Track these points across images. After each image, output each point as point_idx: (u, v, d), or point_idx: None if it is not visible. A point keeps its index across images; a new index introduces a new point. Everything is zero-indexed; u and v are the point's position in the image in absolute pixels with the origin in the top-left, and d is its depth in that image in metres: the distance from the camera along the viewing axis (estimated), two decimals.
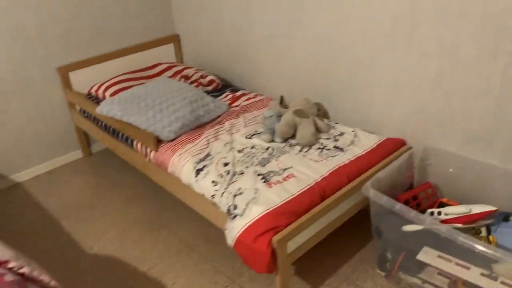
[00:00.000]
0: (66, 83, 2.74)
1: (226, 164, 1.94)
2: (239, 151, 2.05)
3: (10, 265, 1.27)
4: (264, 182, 1.79)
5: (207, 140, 2.14)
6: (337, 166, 1.88)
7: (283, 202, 1.67)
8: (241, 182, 1.81)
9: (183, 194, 2.03)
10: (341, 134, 2.15)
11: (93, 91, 2.69)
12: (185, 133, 2.21)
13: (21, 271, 1.29)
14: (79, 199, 2.56)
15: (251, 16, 2.54)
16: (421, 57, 1.88)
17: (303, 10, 2.28)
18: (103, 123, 2.47)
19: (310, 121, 2.14)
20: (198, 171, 1.93)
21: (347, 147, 2.03)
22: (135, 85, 2.67)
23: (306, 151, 2.01)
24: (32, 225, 2.38)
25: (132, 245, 2.19)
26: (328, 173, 1.84)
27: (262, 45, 2.59)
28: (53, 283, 1.37)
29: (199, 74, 2.80)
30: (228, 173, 1.88)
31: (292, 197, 1.70)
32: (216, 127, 2.26)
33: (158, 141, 2.17)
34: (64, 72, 2.72)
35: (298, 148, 2.05)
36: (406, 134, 2.09)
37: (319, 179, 1.80)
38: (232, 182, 1.82)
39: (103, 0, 2.78)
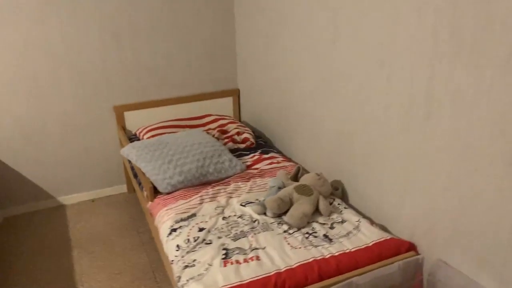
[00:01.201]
0: (120, 121, 2.95)
1: (201, 230, 1.84)
2: (224, 218, 1.92)
3: None
4: (223, 259, 1.64)
5: (201, 199, 2.07)
6: (312, 259, 1.63)
7: (224, 287, 1.49)
8: (200, 253, 1.68)
9: (161, 251, 1.97)
10: (342, 221, 1.88)
11: (138, 132, 2.84)
12: (185, 188, 2.17)
13: None
14: (101, 233, 2.67)
15: (296, 80, 2.45)
16: (434, 150, 1.57)
17: (332, 84, 2.11)
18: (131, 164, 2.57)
19: (310, 200, 1.92)
20: (172, 231, 1.86)
21: (339, 238, 1.76)
22: (174, 132, 2.74)
23: (292, 233, 1.80)
24: (49, 246, 2.54)
25: None
26: (296, 265, 1.61)
27: (300, 111, 2.46)
28: None
29: (237, 130, 2.77)
30: (195, 240, 1.76)
31: (238, 283, 1.51)
32: (219, 187, 2.18)
33: (157, 192, 2.17)
34: (120, 111, 2.93)
35: (285, 227, 1.84)
36: (417, 237, 1.74)
37: (282, 270, 1.58)
38: (192, 251, 1.70)
39: (169, 48, 2.96)
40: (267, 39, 2.68)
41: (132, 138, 2.86)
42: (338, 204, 2.03)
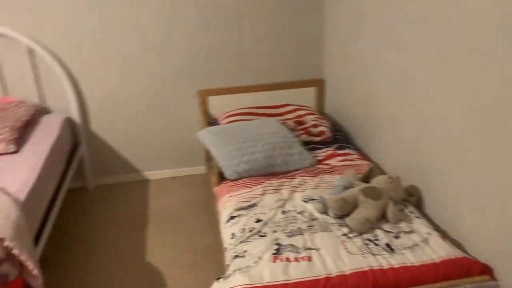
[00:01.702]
0: (203, 106, 3.03)
1: (258, 221, 1.81)
2: (284, 212, 1.88)
3: (5, 243, 1.50)
4: (274, 254, 1.60)
5: (264, 190, 2.04)
6: (368, 268, 1.52)
7: (269, 284, 1.46)
8: (252, 245, 1.66)
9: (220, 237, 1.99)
10: (410, 232, 1.72)
11: (218, 117, 2.90)
12: (251, 177, 2.16)
13: (13, 251, 1.51)
14: (175, 210, 2.79)
15: (379, 74, 2.29)
16: None
17: (416, 80, 1.93)
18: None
19: (377, 204, 1.79)
20: (230, 218, 1.86)
21: (402, 250, 1.62)
22: (251, 119, 2.74)
23: (351, 237, 1.70)
24: (128, 216, 2.72)
25: (180, 269, 2.26)
26: (350, 271, 1.51)
27: (381, 107, 2.30)
28: (35, 271, 1.56)
29: (314, 122, 2.68)
30: (250, 231, 1.75)
31: (284, 282, 1.46)
32: (284, 180, 2.13)
33: (223, 177, 2.19)
34: (203, 95, 3.01)
35: (345, 230, 1.74)
36: (495, 260, 1.53)
37: (333, 275, 1.50)
38: (245, 242, 1.69)
39: (255, 35, 2.95)
40: (355, 29, 2.54)
41: (212, 122, 2.92)
42: (410, 212, 1.86)
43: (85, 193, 3.06)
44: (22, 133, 2.42)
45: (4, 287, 1.41)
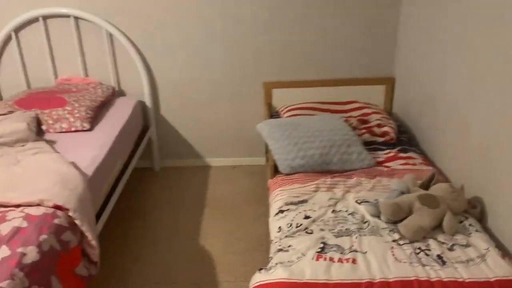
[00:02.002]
0: (267, 98, 3.05)
1: (306, 217, 1.81)
2: (334, 212, 1.85)
3: (69, 213, 1.64)
4: (318, 252, 1.59)
5: (317, 187, 2.02)
6: (414, 278, 1.46)
7: (309, 281, 1.45)
8: (298, 240, 1.66)
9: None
10: (466, 245, 1.62)
11: (280, 109, 2.91)
12: (304, 172, 2.15)
13: (75, 221, 1.65)
14: (233, 198, 2.86)
15: (449, 76, 2.17)
16: None
17: (487, 84, 1.80)
18: None
19: (433, 213, 1.71)
20: (279, 212, 1.88)
21: (455, 263, 1.53)
22: (313, 114, 2.71)
23: (401, 244, 1.63)
24: (188, 199, 2.83)
25: (230, 255, 2.32)
26: (394, 279, 1.46)
27: (449, 110, 2.17)
28: (93, 242, 1.68)
29: (379, 122, 2.59)
30: (297, 226, 1.75)
31: (324, 281, 1.45)
32: (339, 179, 2.09)
33: (277, 170, 2.20)
34: (269, 87, 3.03)
35: (396, 236, 1.68)
36: None
37: (376, 280, 1.46)
38: (291, 237, 1.70)
39: (323, 28, 2.91)
40: (430, 26, 2.41)
41: (274, 115, 2.93)
42: (470, 224, 1.75)
43: (151, 173, 3.23)
44: (96, 113, 2.61)
45: (64, 253, 1.54)
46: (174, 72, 3.03)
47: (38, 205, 1.64)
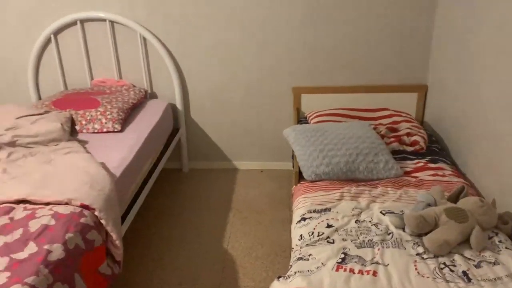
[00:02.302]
0: (296, 103, 3.04)
1: (329, 226, 1.79)
2: (358, 221, 1.82)
3: (95, 212, 1.69)
4: (339, 263, 1.57)
5: (341, 196, 1.99)
6: None
7: None
8: (318, 249, 1.65)
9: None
10: (495, 263, 1.56)
11: (308, 115, 2.89)
12: (329, 180, 2.12)
13: (100, 221, 1.70)
14: (258, 202, 2.86)
15: (484, 84, 2.09)
16: None
17: None
18: None
19: (460, 227, 1.65)
20: (302, 219, 1.86)
21: (481, 281, 1.47)
22: (341, 121, 2.69)
23: (425, 258, 1.59)
24: (214, 201, 2.86)
25: (253, 260, 2.32)
26: None
27: (483, 121, 2.10)
28: (117, 242, 1.73)
29: (409, 130, 2.53)
30: (319, 235, 1.73)
31: None
32: (364, 187, 2.05)
33: (302, 177, 2.18)
34: (298, 92, 3.02)
35: (420, 250, 1.63)
36: None
37: None
38: (311, 246, 1.68)
39: (355, 34, 2.87)
40: (467, 33, 2.33)
41: (302, 120, 2.92)
42: (500, 241, 1.68)
43: (179, 174, 3.28)
44: (128, 115, 2.68)
45: (89, 252, 1.59)
46: (205, 76, 3.07)
47: (66, 204, 1.69)
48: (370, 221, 1.82)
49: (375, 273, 1.51)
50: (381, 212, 1.88)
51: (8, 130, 2.23)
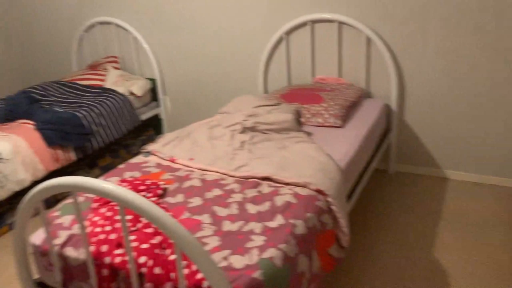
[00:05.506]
0: None
1: None
2: None
3: (328, 198, 1.84)
4: None
5: None
6: None
7: None
8: None
9: None
10: None
11: None
12: None
13: (331, 207, 1.85)
14: (471, 217, 2.68)
15: None
16: None
17: None
18: None
19: None
20: None
21: None
22: None
23: None
24: (418, 209, 2.78)
25: (466, 277, 2.20)
26: None
27: None
28: (345, 229, 1.85)
29: None
30: None
31: None
32: None
33: None
34: None
35: None
36: None
37: None
38: None
39: None
40: None
41: None
42: None
43: (385, 175, 3.29)
44: (347, 112, 2.80)
45: (322, 233, 1.74)
46: (426, 79, 2.99)
47: (303, 186, 1.89)
48: None
49: None
50: None
51: (250, 117, 2.59)
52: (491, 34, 2.71)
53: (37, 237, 1.71)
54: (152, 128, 4.14)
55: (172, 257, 1.45)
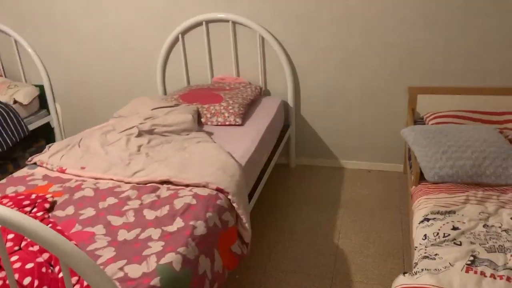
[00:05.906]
0: (412, 103, 2.99)
1: (454, 228, 1.76)
2: (486, 226, 1.77)
3: (228, 196, 1.85)
4: (468, 265, 1.54)
5: (467, 199, 1.94)
6: None
7: None
8: (445, 250, 1.63)
9: (410, 236, 1.99)
10: None
11: (425, 116, 2.83)
12: (452, 183, 2.07)
13: (233, 204, 1.85)
14: (366, 201, 2.87)
15: None
16: None
17: None
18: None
19: None
20: (425, 220, 1.85)
21: None
22: (461, 123, 2.59)
23: None
24: (320, 198, 2.92)
25: (364, 258, 2.35)
26: None
27: None
28: (246, 225, 1.87)
29: None
30: (445, 236, 1.71)
31: None
32: (491, 192, 1.97)
33: (423, 178, 2.16)
34: (414, 92, 2.96)
35: None
36: None
37: None
38: (437, 246, 1.67)
39: (485, 31, 2.75)
40: None
41: (418, 121, 2.86)
42: None
43: (287, 169, 3.40)
44: (247, 110, 2.84)
45: (224, 231, 1.74)
46: (320, 75, 3.14)
47: (204, 186, 1.87)
48: (500, 227, 1.76)
49: (509, 279, 1.47)
50: (511, 218, 1.80)
51: (147, 120, 2.50)
52: (378, 28, 2.92)
53: None
54: (43, 138, 3.83)
55: (61, 274, 1.34)
